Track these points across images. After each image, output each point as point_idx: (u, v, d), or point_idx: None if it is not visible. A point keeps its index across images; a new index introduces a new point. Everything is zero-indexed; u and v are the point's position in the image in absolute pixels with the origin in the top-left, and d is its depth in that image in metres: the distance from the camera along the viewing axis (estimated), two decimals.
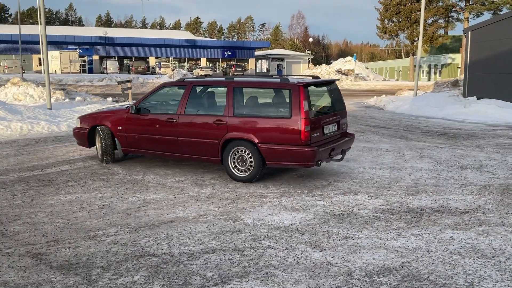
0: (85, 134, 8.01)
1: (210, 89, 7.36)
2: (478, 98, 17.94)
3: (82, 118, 8.22)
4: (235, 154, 6.56)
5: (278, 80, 6.60)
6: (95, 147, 8.18)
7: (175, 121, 6.99)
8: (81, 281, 3.57)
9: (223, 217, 5.08)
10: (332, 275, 3.66)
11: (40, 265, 3.87)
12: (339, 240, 4.40)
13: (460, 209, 5.36)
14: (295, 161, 6.17)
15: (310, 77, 7.19)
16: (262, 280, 3.56)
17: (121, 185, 6.49)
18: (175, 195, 5.97)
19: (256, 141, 6.31)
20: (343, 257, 3.98)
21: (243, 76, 7.72)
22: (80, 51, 52.74)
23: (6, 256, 4.06)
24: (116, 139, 7.70)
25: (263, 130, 6.31)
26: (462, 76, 22.61)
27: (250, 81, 7.16)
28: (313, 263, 3.88)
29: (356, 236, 4.49)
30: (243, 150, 6.47)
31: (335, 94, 7.11)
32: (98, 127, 7.79)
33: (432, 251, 4.13)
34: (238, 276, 3.65)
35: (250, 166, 6.48)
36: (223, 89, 6.79)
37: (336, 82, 7.36)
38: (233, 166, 6.61)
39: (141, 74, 47.95)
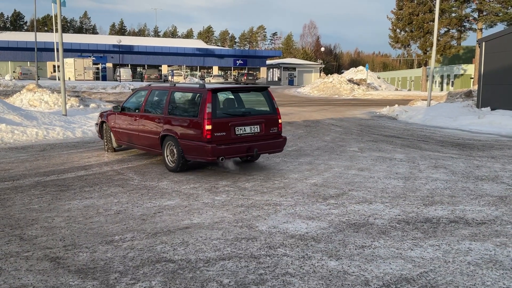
0: (98, 128, 9.92)
1: (160, 93, 8.40)
2: (492, 109, 17.79)
3: (99, 114, 10.01)
4: (169, 147, 7.73)
5: (198, 86, 7.67)
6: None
7: (137, 119, 8.47)
8: (99, 285, 3.60)
9: (238, 224, 5.08)
10: (349, 284, 3.64)
11: (58, 269, 3.91)
12: (355, 249, 4.38)
13: (476, 220, 5.31)
14: (201, 155, 7.11)
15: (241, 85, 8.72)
16: (279, 287, 3.56)
17: (136, 191, 6.53)
18: (190, 201, 6.00)
19: (177, 136, 7.42)
20: (360, 266, 3.96)
21: (189, 83, 9.57)
22: (94, 58, 53.40)
23: (25, 259, 4.11)
24: (111, 132, 9.41)
25: (182, 128, 7.41)
26: (476, 87, 22.45)
27: (183, 86, 8.27)
28: (330, 271, 3.87)
29: (372, 246, 4.47)
30: (172, 144, 7.59)
31: (265, 99, 7.89)
32: (103, 123, 9.61)
33: (449, 261, 4.10)
34: (254, 283, 3.64)
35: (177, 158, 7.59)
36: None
37: (269, 89, 8.14)
38: (166, 156, 7.81)
39: (153, 82, 48.35)
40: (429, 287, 3.59)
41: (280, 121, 7.87)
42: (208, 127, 6.95)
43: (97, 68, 53.76)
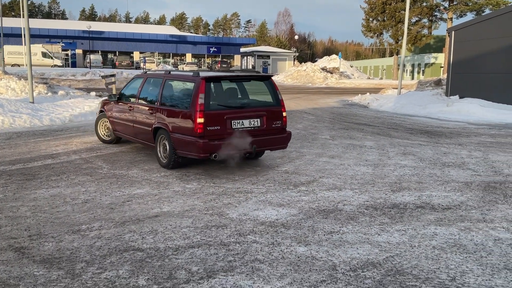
0: (97, 117, 9.33)
1: (155, 81, 7.68)
2: (460, 97, 18.19)
3: (100, 102, 9.57)
4: (162, 141, 7.08)
5: (191, 74, 6.83)
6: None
7: (132, 109, 7.86)
8: (64, 275, 3.53)
9: (209, 212, 5.07)
10: (317, 269, 3.68)
11: (22, 259, 3.82)
12: (324, 235, 4.43)
13: (442, 206, 5.44)
14: (192, 151, 6.43)
15: (239, 72, 7.90)
16: (248, 274, 3.57)
17: (105, 179, 6.43)
18: (160, 190, 5.94)
19: (169, 130, 6.77)
20: (328, 252, 4.01)
21: (182, 71, 8.75)
22: (63, 44, 51.98)
23: None
24: (109, 123, 8.87)
25: (174, 120, 6.74)
26: (445, 76, 22.90)
27: (177, 74, 7.42)
28: (298, 257, 3.90)
29: (340, 231, 4.52)
30: (164, 138, 6.94)
31: (268, 89, 7.09)
32: (102, 112, 9.11)
33: (415, 246, 4.19)
34: (223, 270, 3.65)
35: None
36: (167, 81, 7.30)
37: (272, 77, 7.29)
38: (159, 151, 7.17)
39: (125, 68, 47.47)
40: (394, 271, 3.67)
41: (284, 114, 7.06)
42: (200, 120, 6.26)
43: (67, 55, 52.37)
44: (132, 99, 7.99)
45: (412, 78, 54.96)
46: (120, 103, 8.33)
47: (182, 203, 5.40)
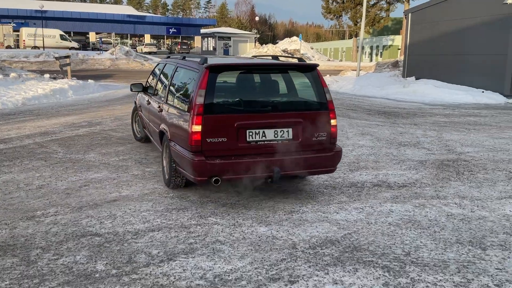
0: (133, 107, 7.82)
1: (169, 68, 5.99)
2: (416, 79, 18.69)
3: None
4: (167, 150, 5.29)
5: (198, 59, 4.92)
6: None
7: (150, 103, 6.27)
8: (19, 262, 3.42)
9: (169, 195, 5.02)
10: (277, 248, 3.73)
11: None
12: (284, 214, 4.48)
13: (398, 184, 5.60)
14: (187, 171, 4.60)
15: (271, 58, 6.01)
16: (209, 256, 3.57)
17: (60, 164, 6.24)
18: (118, 174, 5.83)
19: (168, 137, 5.10)
20: (288, 231, 4.06)
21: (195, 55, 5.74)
22: (14, 25, 49.58)
23: None
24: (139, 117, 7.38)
25: (174, 125, 4.99)
26: (402, 57, 23.40)
27: (187, 60, 5.44)
28: (259, 237, 3.93)
29: (300, 211, 4.59)
30: (171, 146, 5.00)
31: (311, 84, 4.94)
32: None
33: (372, 223, 4.31)
34: (184, 252, 3.63)
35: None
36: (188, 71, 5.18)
37: (317, 68, 5.02)
38: (163, 162, 5.46)
39: (80, 50, 45.90)
40: (352, 247, 3.76)
41: (333, 122, 4.90)
42: (196, 128, 4.39)
43: (18, 35, 50.06)
44: (150, 91, 6.51)
45: (371, 60, 55.92)
46: (144, 94, 6.77)
47: (141, 186, 5.32)
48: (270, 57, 6.06)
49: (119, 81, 20.68)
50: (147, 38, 61.37)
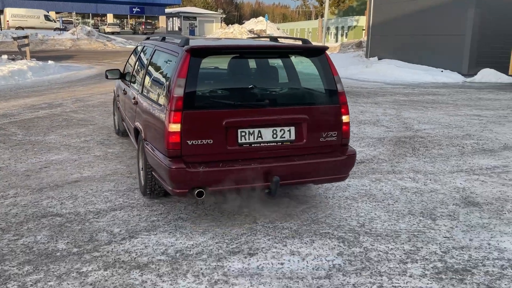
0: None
1: (147, 50, 5.05)
2: (379, 59, 19.05)
3: None
4: (142, 151, 4.33)
5: (179, 41, 4.02)
6: None
7: (125, 93, 5.42)
8: None
9: (132, 175, 5.03)
10: (238, 223, 3.83)
11: None
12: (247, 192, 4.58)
13: (357, 160, 5.78)
14: (164, 180, 3.72)
15: (281, 39, 5.10)
16: (171, 233, 3.65)
17: (20, 146, 6.13)
18: (80, 155, 5.78)
19: (143, 136, 4.23)
20: (249, 207, 4.16)
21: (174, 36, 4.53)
22: None
23: None
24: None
25: (148, 122, 4.15)
26: (366, 38, 23.75)
27: (165, 42, 4.48)
28: (221, 213, 4.03)
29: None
30: (146, 148, 4.08)
31: (319, 71, 4.17)
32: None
33: (329, 197, 4.47)
34: (146, 230, 3.69)
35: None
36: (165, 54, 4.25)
37: (326, 51, 4.26)
38: (138, 164, 4.55)
39: (40, 30, 44.26)
40: (310, 220, 3.91)
41: (346, 118, 4.02)
42: (174, 127, 3.52)
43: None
44: (127, 78, 5.58)
45: (336, 41, 56.32)
46: (122, 82, 5.85)
47: (103, 167, 5.31)
48: (268, 39, 5.33)
49: (81, 62, 20.17)
50: (110, 18, 59.72)
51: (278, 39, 5.09)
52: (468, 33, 15.83)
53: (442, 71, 16.09)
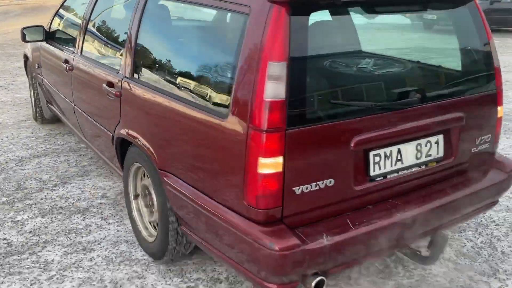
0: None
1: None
2: None
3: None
4: (138, 177, 2.59)
5: None
6: None
7: (71, 68, 3.17)
8: None
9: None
10: None
11: None
12: None
13: None
14: (240, 264, 1.84)
15: None
16: (106, 176, 3.50)
17: None
18: None
19: (155, 159, 2.23)
20: None
21: None
22: None
23: None
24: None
25: (174, 142, 2.19)
26: None
27: None
28: None
29: None
30: (146, 175, 2.47)
31: (467, 32, 2.32)
32: (27, 59, 4.59)
33: None
34: (78, 175, 3.50)
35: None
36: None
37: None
38: (130, 195, 2.64)
39: None
40: None
41: (500, 111, 2.34)
42: (270, 162, 1.67)
43: None
44: (70, 40, 3.44)
45: None
46: (50, 45, 3.68)
47: (15, 113, 4.88)
48: None
49: None
50: None
51: None
52: None
53: None
